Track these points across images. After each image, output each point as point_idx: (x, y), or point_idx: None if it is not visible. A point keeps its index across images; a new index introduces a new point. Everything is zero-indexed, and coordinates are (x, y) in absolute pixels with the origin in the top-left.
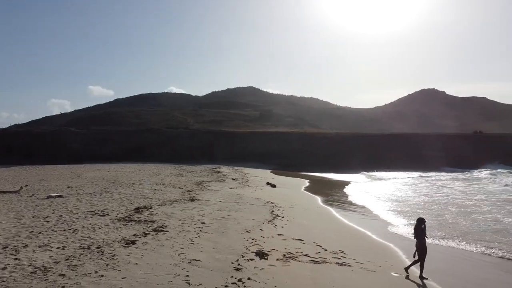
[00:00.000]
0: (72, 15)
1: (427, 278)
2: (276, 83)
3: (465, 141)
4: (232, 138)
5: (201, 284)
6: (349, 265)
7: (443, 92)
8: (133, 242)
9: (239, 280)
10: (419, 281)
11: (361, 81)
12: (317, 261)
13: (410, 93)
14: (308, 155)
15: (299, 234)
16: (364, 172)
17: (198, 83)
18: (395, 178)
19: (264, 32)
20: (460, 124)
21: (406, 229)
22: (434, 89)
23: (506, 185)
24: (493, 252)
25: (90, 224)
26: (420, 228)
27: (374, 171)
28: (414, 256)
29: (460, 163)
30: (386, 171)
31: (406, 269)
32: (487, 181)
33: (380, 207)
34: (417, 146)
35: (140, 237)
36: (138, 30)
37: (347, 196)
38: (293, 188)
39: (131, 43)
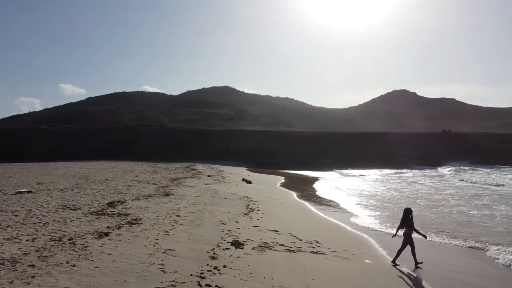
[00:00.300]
0: (42, 11)
1: (399, 265)
2: (252, 83)
3: (435, 139)
4: (208, 136)
5: (176, 271)
6: (324, 254)
7: (414, 93)
8: (106, 234)
9: (215, 268)
10: (394, 269)
11: (336, 82)
12: (292, 250)
13: (383, 94)
14: (283, 153)
15: (274, 226)
16: (338, 170)
17: (173, 82)
18: (368, 175)
19: (239, 32)
20: (430, 124)
21: (373, 221)
22: (405, 90)
23: (461, 180)
24: (459, 241)
25: (61, 217)
26: (407, 218)
27: (348, 168)
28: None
29: (430, 161)
30: (359, 169)
31: (393, 260)
32: (453, 177)
33: (351, 202)
34: (389, 144)
35: (113, 229)
36: (111, 28)
37: (320, 191)
38: (269, 184)
39: (104, 41)
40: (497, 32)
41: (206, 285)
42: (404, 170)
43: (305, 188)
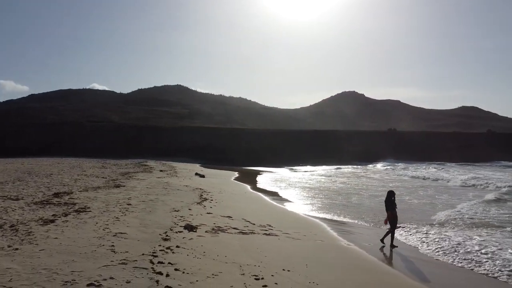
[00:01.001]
0: None
1: (396, 246)
2: (205, 83)
3: (381, 137)
4: (160, 133)
5: (127, 251)
6: (276, 235)
7: (362, 95)
8: (52, 221)
9: (168, 248)
10: (343, 247)
11: (288, 83)
12: (246, 233)
13: (333, 95)
14: (237, 150)
15: (227, 213)
16: (289, 166)
17: (123, 80)
18: (315, 170)
19: (193, 31)
20: (376, 123)
21: (322, 209)
22: (354, 91)
23: (399, 175)
24: (401, 225)
25: (1, 207)
26: (390, 200)
27: (299, 165)
28: (386, 223)
29: (376, 157)
30: (309, 165)
31: (382, 240)
32: (387, 172)
33: (300, 194)
34: (337, 142)
35: (59, 217)
36: (56, 23)
37: (271, 184)
38: (222, 178)
39: (48, 36)
40: (440, 39)
41: (159, 262)
42: (349, 166)
43: (257, 181)
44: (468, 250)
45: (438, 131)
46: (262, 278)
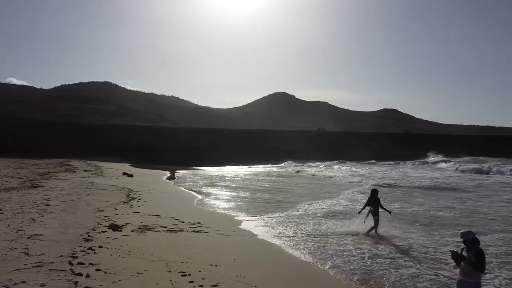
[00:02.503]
0: None
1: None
2: (135, 80)
3: (310, 137)
4: (86, 131)
5: (43, 254)
6: (205, 232)
7: (293, 96)
8: None
9: (89, 248)
10: (270, 241)
11: (221, 83)
12: (174, 231)
13: (265, 95)
14: (170, 149)
15: (156, 212)
16: (223, 166)
17: (44, 75)
18: (248, 169)
19: (120, 27)
20: (306, 124)
21: (248, 205)
22: (285, 92)
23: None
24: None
25: None
26: (375, 197)
27: (232, 164)
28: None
29: (307, 156)
30: (243, 165)
31: (367, 233)
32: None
33: (231, 193)
34: (270, 141)
35: None
36: None
37: (204, 185)
38: (153, 178)
39: None
40: (365, 45)
41: (79, 263)
42: (280, 165)
43: (189, 180)
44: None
45: (363, 131)
46: (189, 274)
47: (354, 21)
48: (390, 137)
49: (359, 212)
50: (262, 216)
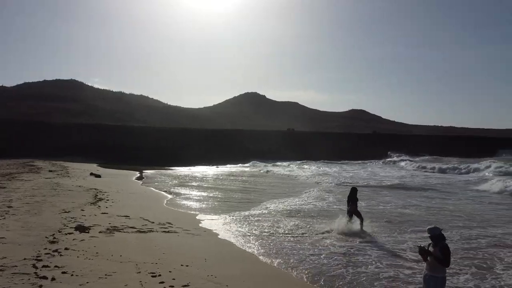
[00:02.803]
0: None
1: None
2: (103, 79)
3: (281, 137)
4: (50, 130)
5: (5, 257)
6: (176, 232)
7: (264, 96)
8: None
9: (55, 251)
10: (243, 241)
11: (191, 82)
12: (144, 231)
13: (236, 95)
14: (139, 149)
15: (125, 212)
16: (194, 165)
17: (6, 72)
18: (219, 169)
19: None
20: (276, 124)
21: (219, 204)
22: (256, 93)
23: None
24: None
25: None
26: (354, 196)
27: (203, 164)
28: (350, 216)
29: (277, 156)
30: (214, 165)
31: (361, 229)
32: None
33: (202, 193)
34: (241, 141)
35: None
36: None
37: (174, 185)
38: (122, 178)
39: None
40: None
41: (44, 266)
42: (248, 164)
43: (159, 180)
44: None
45: (332, 131)
46: (159, 275)
47: (324, 23)
48: (358, 137)
49: (347, 212)
50: (232, 215)
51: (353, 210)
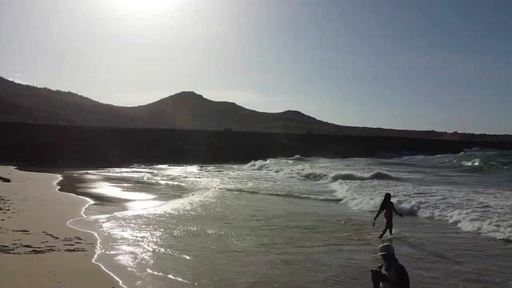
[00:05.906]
0: None
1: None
2: (25, 74)
3: (218, 137)
4: None
5: None
6: (83, 250)
7: (201, 96)
8: None
9: None
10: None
11: (125, 80)
12: (41, 251)
13: (171, 94)
14: (64, 150)
15: (25, 226)
16: (125, 167)
17: None
18: (153, 170)
19: (8, 14)
20: (213, 124)
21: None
22: (193, 92)
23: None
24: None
25: None
26: (389, 201)
27: (140, 165)
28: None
29: (216, 157)
30: (148, 165)
31: (380, 236)
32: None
33: (128, 198)
34: (177, 141)
35: None
36: None
37: (99, 188)
38: (37, 182)
39: None
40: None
41: None
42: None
43: (83, 186)
44: None
45: (269, 132)
46: None
47: (261, 25)
48: (295, 137)
49: (374, 218)
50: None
51: (387, 216)
